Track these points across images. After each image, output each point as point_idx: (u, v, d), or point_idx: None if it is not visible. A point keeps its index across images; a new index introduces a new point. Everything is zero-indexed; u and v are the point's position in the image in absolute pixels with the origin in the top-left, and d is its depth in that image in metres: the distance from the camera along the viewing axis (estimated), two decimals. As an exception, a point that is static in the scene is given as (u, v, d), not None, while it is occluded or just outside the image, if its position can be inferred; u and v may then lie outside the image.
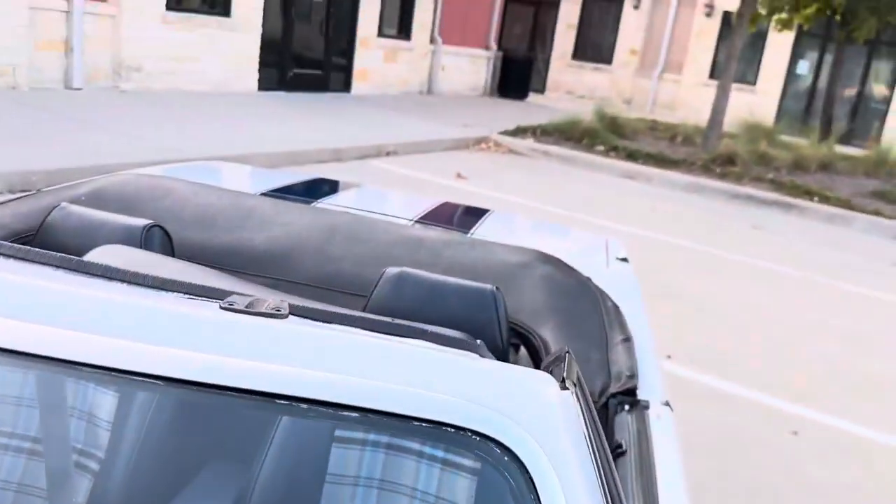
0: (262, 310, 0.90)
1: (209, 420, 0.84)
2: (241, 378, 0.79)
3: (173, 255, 1.43)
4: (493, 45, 16.20)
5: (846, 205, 8.62)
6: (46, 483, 0.84)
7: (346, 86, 12.41)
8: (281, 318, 0.89)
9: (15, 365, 0.82)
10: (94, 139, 6.11)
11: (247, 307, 0.90)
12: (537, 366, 1.34)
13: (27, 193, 1.69)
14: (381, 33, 12.82)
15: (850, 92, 16.09)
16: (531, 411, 0.81)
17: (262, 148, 6.85)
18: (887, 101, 15.83)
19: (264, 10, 10.45)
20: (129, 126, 6.81)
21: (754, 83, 16.71)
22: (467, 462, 0.80)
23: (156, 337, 0.82)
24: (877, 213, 8.46)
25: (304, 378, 0.80)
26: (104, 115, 7.15)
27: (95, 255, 1.19)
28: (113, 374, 0.80)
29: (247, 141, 7.06)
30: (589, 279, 1.64)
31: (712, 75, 16.85)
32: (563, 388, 0.90)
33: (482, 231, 2.09)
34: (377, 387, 0.80)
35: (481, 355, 0.94)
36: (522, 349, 1.43)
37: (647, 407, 1.21)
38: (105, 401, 0.84)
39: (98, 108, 7.49)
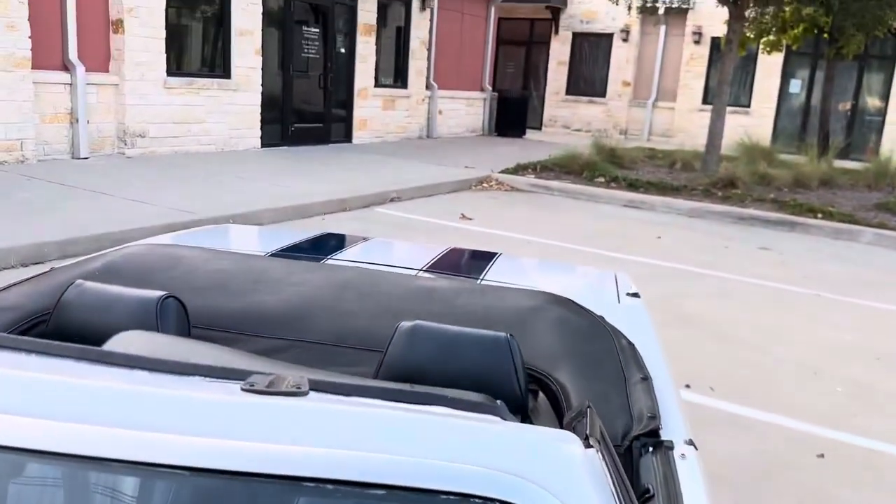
0: (283, 388, 0.91)
1: None
2: (267, 462, 0.80)
3: (189, 325, 1.46)
4: (488, 87, 16.45)
5: (850, 219, 8.63)
6: None
7: (347, 136, 12.60)
8: (302, 396, 0.90)
9: (40, 463, 0.82)
10: (103, 207, 6.21)
11: (268, 387, 0.91)
12: (557, 411, 1.35)
13: (41, 272, 1.73)
14: (377, 83, 13.05)
15: (845, 107, 16.22)
16: (557, 474, 0.82)
17: (269, 204, 6.95)
18: (882, 112, 15.94)
19: (263, 69, 10.68)
20: (137, 192, 6.92)
21: (748, 105, 16.87)
22: None
23: (181, 426, 0.83)
24: (882, 225, 8.46)
25: (327, 458, 0.80)
26: (112, 182, 7.27)
27: (116, 343, 1.21)
28: (139, 467, 0.80)
29: (254, 198, 7.16)
30: (602, 318, 1.66)
31: (706, 101, 17.03)
32: (588, 445, 0.90)
33: (492, 275, 2.12)
34: (401, 462, 0.80)
35: (503, 417, 0.95)
36: (541, 395, 1.43)
37: (671, 448, 1.20)
38: (131, 493, 0.84)
39: (105, 175, 7.63)
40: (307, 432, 0.84)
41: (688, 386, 3.79)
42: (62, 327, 1.39)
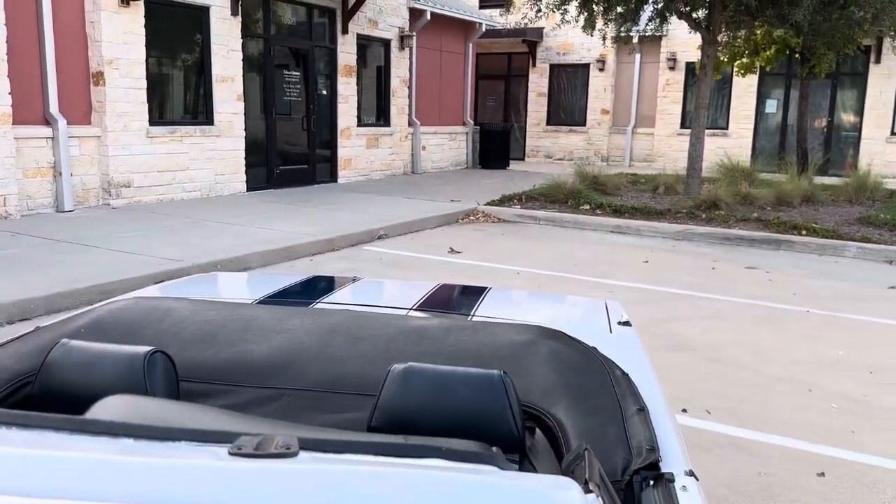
0: (272, 450, 0.89)
1: None
2: None
3: (177, 379, 1.44)
4: (470, 121, 16.64)
5: (834, 234, 8.72)
6: None
7: (332, 175, 12.66)
8: (291, 457, 0.88)
9: None
10: (89, 260, 6.18)
11: (256, 449, 0.89)
12: (555, 447, 1.34)
13: (26, 332, 1.71)
14: (360, 122, 13.18)
15: (821, 124, 16.51)
16: None
17: (256, 248, 6.94)
18: (857, 128, 16.24)
19: (245, 113, 10.76)
20: (123, 242, 6.89)
21: (726, 127, 17.15)
22: None
23: (167, 496, 0.81)
24: (865, 239, 8.55)
25: None
26: (97, 234, 7.25)
27: (99, 410, 1.19)
28: None
29: (241, 242, 7.15)
30: (595, 349, 1.65)
31: (684, 125, 17.30)
32: (587, 490, 0.89)
33: (483, 310, 2.12)
34: None
35: (499, 466, 0.94)
36: (538, 432, 1.43)
37: (672, 480, 1.18)
38: None
39: (91, 227, 7.60)
40: (298, 496, 0.81)
41: (684, 410, 3.78)
42: (48, 388, 1.38)
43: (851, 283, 7.00)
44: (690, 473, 1.23)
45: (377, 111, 13.84)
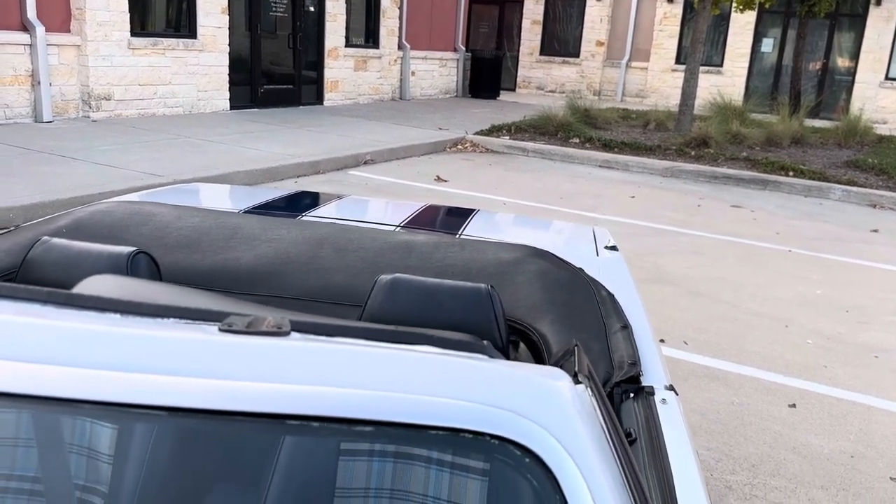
0: (263, 328, 0.87)
1: (215, 447, 0.80)
2: (247, 401, 0.77)
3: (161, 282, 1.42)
4: (461, 47, 16.25)
5: (821, 177, 8.73)
6: None
7: (318, 97, 12.40)
8: (283, 336, 0.87)
9: (10, 407, 0.79)
10: (68, 171, 6.06)
11: (247, 327, 0.88)
12: (539, 361, 1.35)
13: (6, 230, 1.68)
14: (348, 43, 12.82)
15: (816, 66, 16.32)
16: (547, 409, 0.80)
17: (239, 167, 6.83)
18: (852, 72, 16.07)
19: (230, 29, 10.42)
20: (103, 156, 6.75)
21: (721, 65, 16.90)
22: (487, 467, 0.78)
23: (155, 366, 0.80)
24: (851, 182, 8.58)
25: (311, 396, 0.78)
26: (77, 146, 7.09)
27: (85, 287, 1.16)
28: (113, 408, 0.77)
29: (223, 161, 7.03)
30: (581, 269, 1.65)
31: (679, 60, 17.02)
32: (577, 382, 0.90)
33: (470, 231, 2.10)
34: (387, 398, 0.78)
35: (490, 356, 0.93)
36: (522, 346, 1.43)
37: (651, 393, 1.21)
38: (106, 436, 0.80)
39: (70, 139, 7.43)
40: (290, 371, 0.80)
41: (662, 341, 3.84)
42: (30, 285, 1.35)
43: (835, 225, 7.05)
44: (671, 388, 1.24)
45: (366, 32, 13.45)
